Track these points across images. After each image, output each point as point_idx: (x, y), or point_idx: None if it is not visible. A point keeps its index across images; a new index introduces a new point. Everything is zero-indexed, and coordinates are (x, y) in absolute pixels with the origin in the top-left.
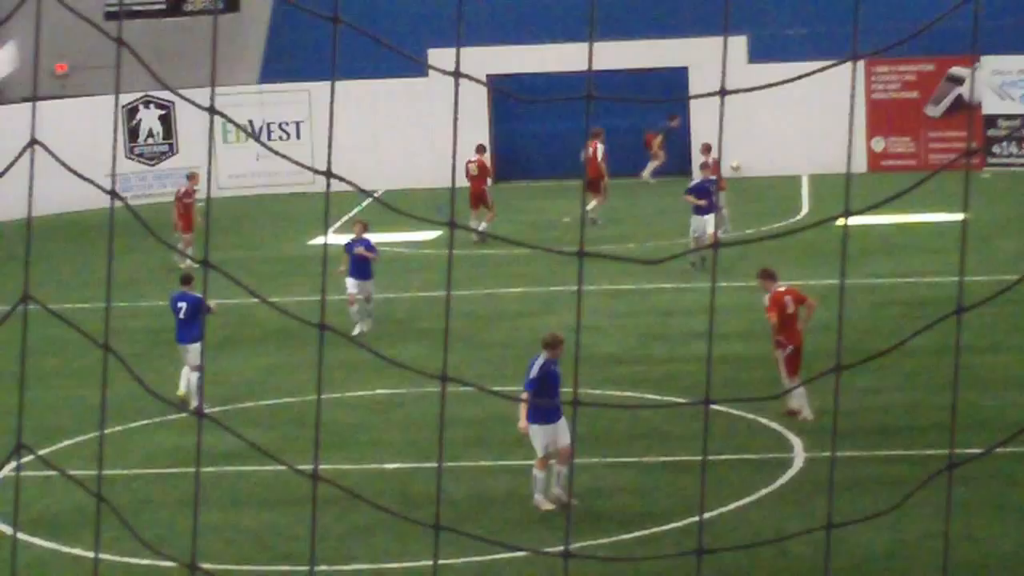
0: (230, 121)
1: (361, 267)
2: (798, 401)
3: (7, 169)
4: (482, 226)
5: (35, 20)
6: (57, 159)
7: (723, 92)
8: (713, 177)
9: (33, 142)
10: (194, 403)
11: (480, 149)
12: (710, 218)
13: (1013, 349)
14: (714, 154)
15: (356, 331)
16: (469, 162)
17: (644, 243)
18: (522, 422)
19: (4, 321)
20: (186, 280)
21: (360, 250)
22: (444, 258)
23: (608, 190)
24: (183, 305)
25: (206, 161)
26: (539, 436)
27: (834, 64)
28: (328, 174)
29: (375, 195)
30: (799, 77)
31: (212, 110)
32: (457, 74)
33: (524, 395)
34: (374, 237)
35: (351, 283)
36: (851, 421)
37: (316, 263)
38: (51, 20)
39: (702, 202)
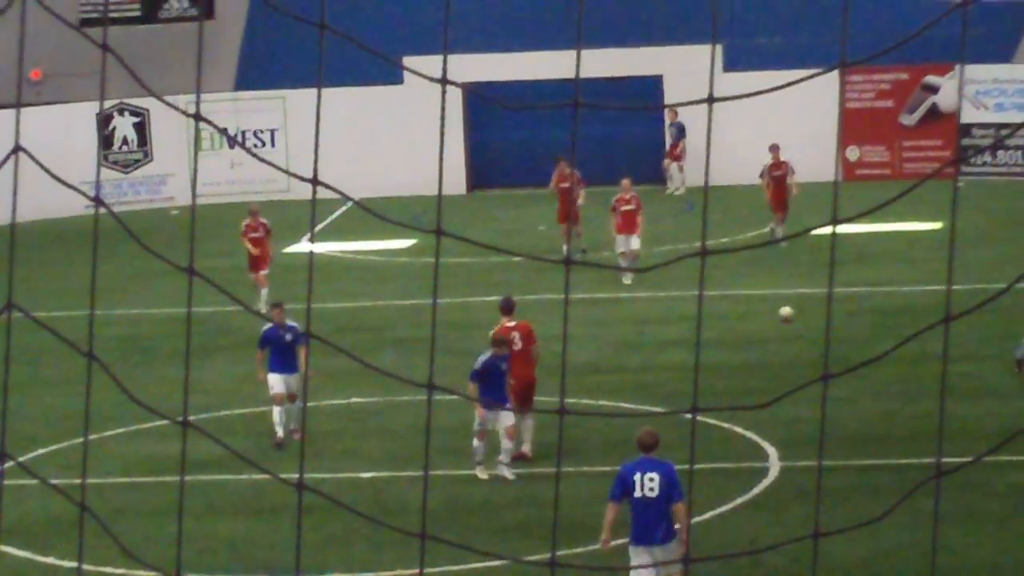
0: (213, 126)
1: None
2: (526, 440)
3: None
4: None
5: (19, 24)
6: (42, 167)
7: (710, 100)
8: None
9: (17, 149)
10: (294, 434)
11: (627, 185)
12: None
13: (988, 358)
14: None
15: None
16: (618, 199)
17: (618, 250)
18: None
19: None
20: (280, 307)
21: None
22: (419, 266)
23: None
24: (286, 335)
25: (181, 168)
26: (640, 559)
27: (820, 73)
28: (314, 181)
29: (355, 201)
30: (793, 83)
31: (197, 116)
32: (444, 81)
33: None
34: (346, 246)
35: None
36: (826, 430)
37: (290, 271)
38: (26, 26)
39: None
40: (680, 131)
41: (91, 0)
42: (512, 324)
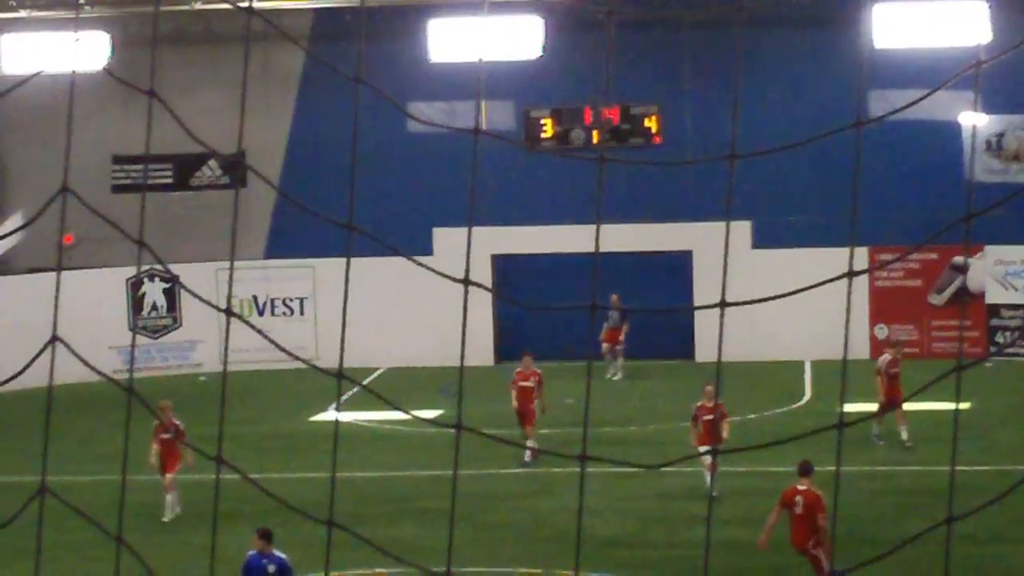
0: (231, 314)
1: None
2: None
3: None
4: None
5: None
6: (76, 354)
7: (723, 304)
8: None
9: (55, 338)
10: None
11: (528, 362)
12: None
13: (1014, 540)
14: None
15: None
16: (518, 373)
17: (645, 426)
18: None
19: (19, 515)
20: (266, 536)
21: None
22: (445, 437)
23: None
24: (269, 566)
25: (209, 335)
26: None
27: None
28: (339, 375)
29: (362, 384)
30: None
31: (229, 305)
32: (466, 281)
33: None
34: (373, 415)
35: None
36: None
37: (318, 439)
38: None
39: None
40: (623, 316)
41: (124, 167)
42: (803, 488)
